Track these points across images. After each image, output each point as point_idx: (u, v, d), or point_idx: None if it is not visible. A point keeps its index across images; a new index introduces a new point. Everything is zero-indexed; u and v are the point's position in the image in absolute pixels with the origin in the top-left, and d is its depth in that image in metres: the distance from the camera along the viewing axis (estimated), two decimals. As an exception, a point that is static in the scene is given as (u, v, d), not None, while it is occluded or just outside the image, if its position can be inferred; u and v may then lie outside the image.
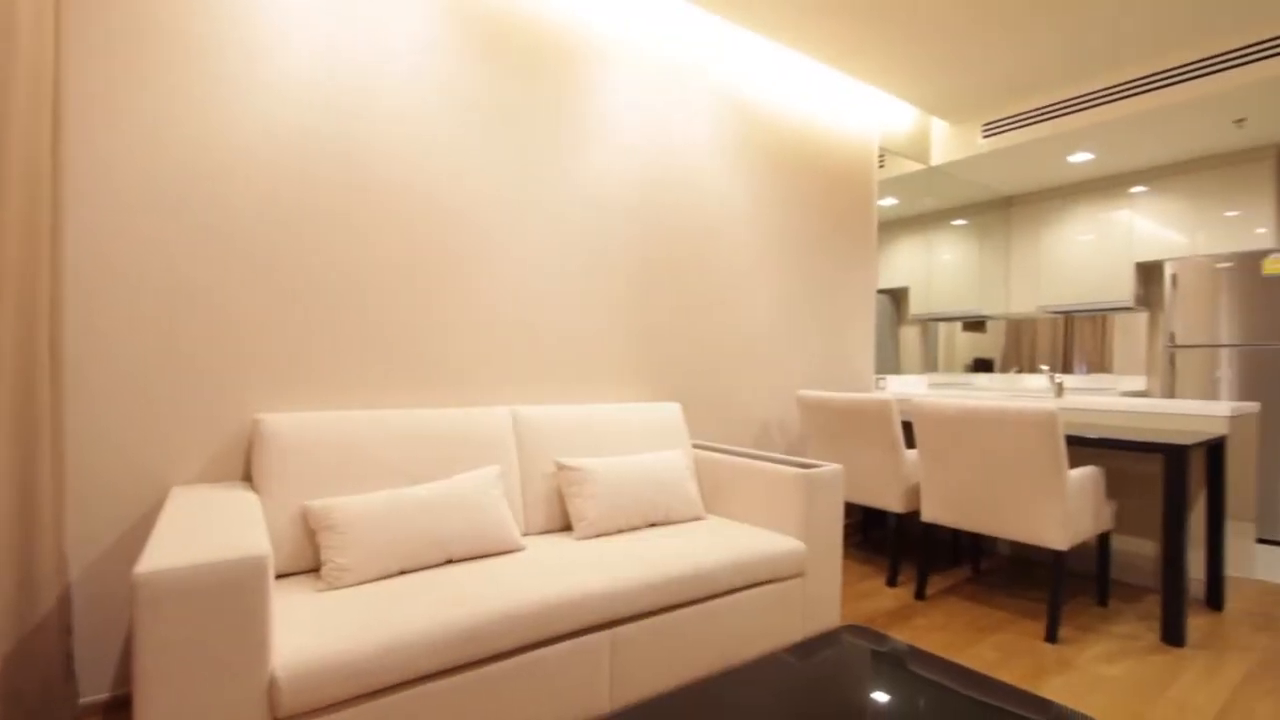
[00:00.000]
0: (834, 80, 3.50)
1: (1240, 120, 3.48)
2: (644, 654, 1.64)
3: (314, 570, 1.69)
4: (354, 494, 1.75)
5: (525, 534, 2.07)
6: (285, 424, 1.75)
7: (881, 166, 3.90)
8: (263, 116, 1.85)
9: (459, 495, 1.78)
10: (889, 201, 4.04)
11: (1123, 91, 3.39)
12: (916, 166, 4.18)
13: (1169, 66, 3.23)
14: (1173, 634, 2.23)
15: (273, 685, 1.14)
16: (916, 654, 1.37)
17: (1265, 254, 3.66)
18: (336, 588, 1.53)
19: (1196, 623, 2.43)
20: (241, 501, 1.53)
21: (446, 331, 2.20)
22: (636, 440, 2.36)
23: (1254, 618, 2.48)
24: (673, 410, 2.53)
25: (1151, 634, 2.31)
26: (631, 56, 2.66)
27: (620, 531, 2.04)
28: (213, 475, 1.80)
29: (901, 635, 2.28)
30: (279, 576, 1.65)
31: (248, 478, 1.85)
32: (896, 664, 1.33)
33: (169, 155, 1.73)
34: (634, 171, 2.67)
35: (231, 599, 1.10)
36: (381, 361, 2.07)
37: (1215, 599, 2.57)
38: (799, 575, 1.99)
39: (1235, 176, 4.01)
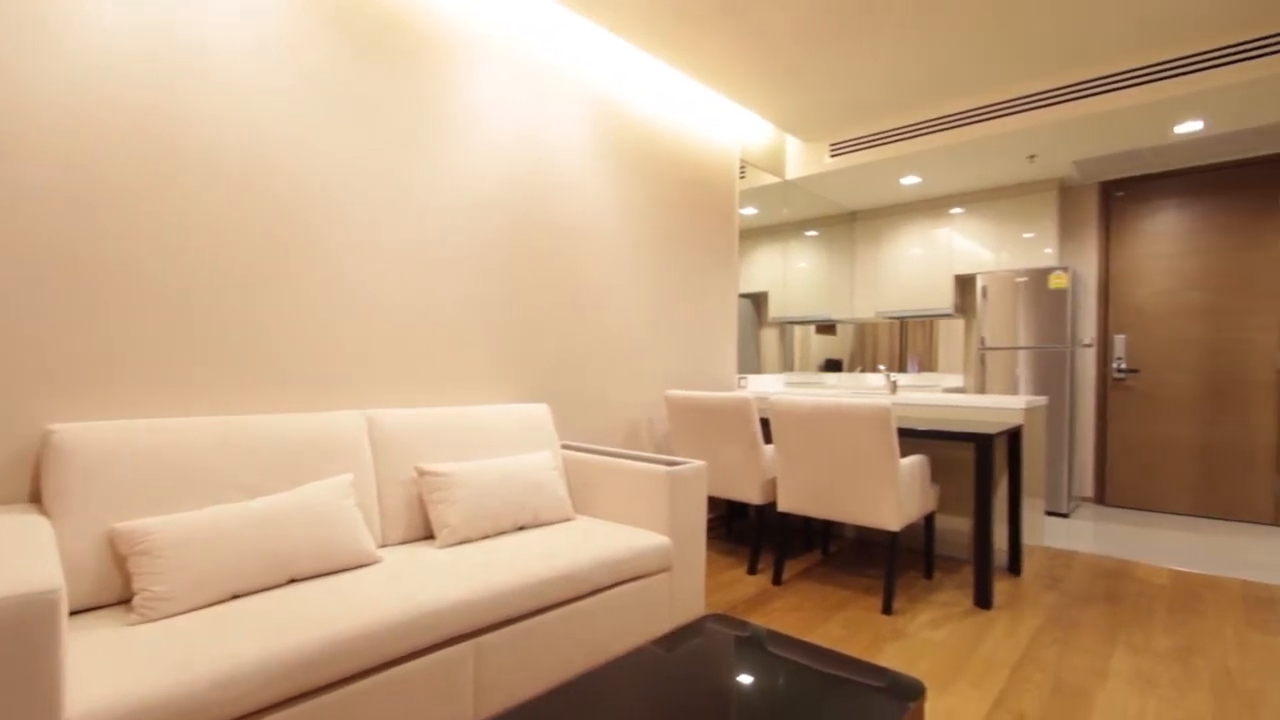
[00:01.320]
0: (700, 93, 3.65)
1: (1032, 156, 4.08)
2: (511, 660, 1.60)
3: (125, 602, 1.47)
4: (176, 512, 1.55)
5: (383, 545, 1.95)
6: (86, 435, 1.51)
7: (743, 177, 4.12)
8: (61, 84, 1.59)
9: (304, 507, 1.63)
10: (750, 211, 4.28)
11: (941, 125, 3.85)
12: (773, 179, 4.47)
13: (976, 106, 3.71)
14: (982, 598, 2.56)
15: (65, 740, 0.98)
16: (773, 636, 1.46)
17: (1050, 271, 4.32)
18: (153, 620, 1.34)
19: (1001, 587, 2.80)
20: (24, 527, 1.29)
21: (292, 329, 2.01)
22: (503, 442, 2.30)
23: (1043, 579, 2.92)
24: (540, 411, 2.50)
25: (967, 600, 2.64)
26: (501, 52, 2.60)
27: (486, 537, 1.98)
28: (-14, 498, 1.51)
29: (760, 619, 2.42)
30: (76, 612, 1.42)
31: (37, 499, 1.57)
32: (755, 647, 1.40)
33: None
34: (502, 167, 2.61)
35: (8, 644, 0.92)
36: (213, 362, 1.85)
37: (1015, 565, 2.98)
38: (666, 570, 2.05)
39: (1029, 204, 4.70)
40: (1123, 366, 4.54)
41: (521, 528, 2.09)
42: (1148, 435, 4.45)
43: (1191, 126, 3.57)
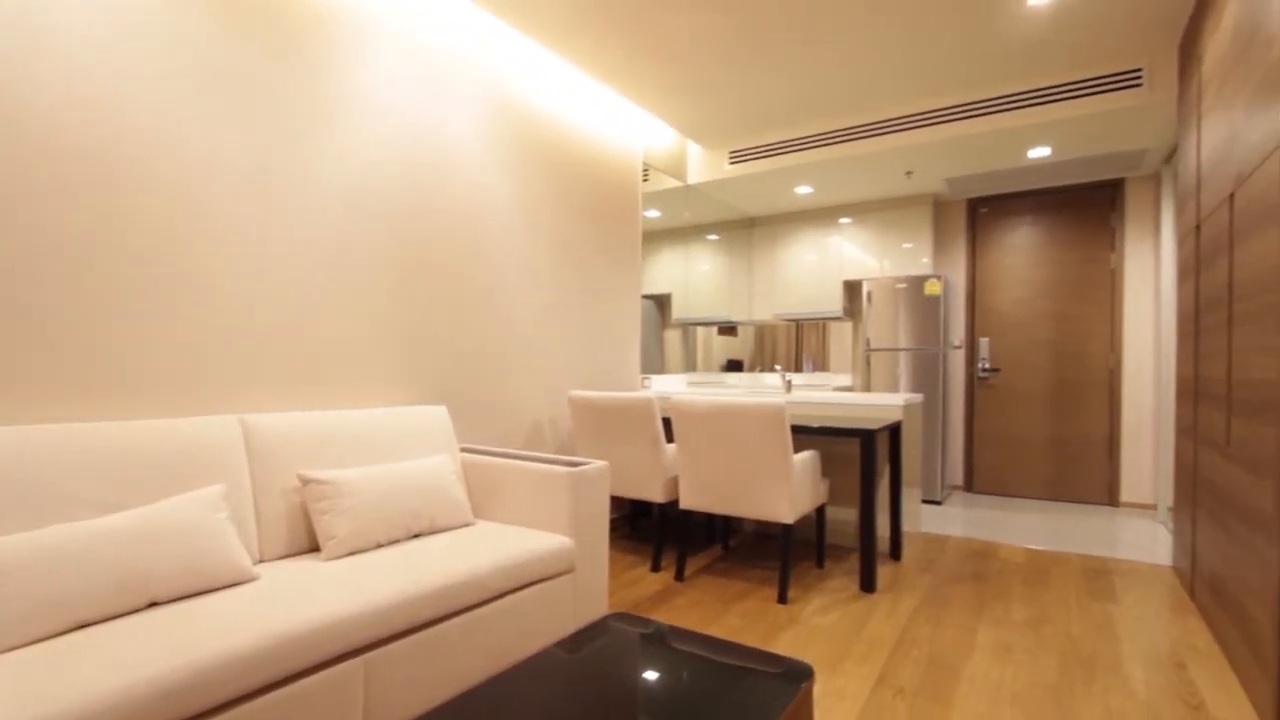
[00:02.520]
0: (603, 94, 3.66)
1: (909, 172, 4.42)
2: (405, 675, 1.53)
3: (-64, 641, 1.27)
4: (6, 534, 1.35)
5: (261, 561, 1.80)
6: (-115, 448, 1.29)
7: (646, 180, 4.17)
8: None
9: (167, 523, 1.48)
10: (653, 213, 4.34)
11: (831, 139, 4.09)
12: (676, 183, 4.56)
13: (862, 123, 3.97)
14: (867, 583, 2.73)
15: None
16: (675, 631, 1.49)
17: (926, 278, 4.70)
18: (-27, 659, 1.17)
19: (884, 572, 3.01)
20: None
21: (156, 324, 1.81)
22: (397, 446, 2.20)
23: (920, 562, 3.16)
24: (438, 413, 2.41)
25: (853, 585, 2.81)
26: (394, 38, 2.48)
27: (379, 546, 1.88)
28: None
29: (663, 615, 2.45)
30: None
31: None
32: (657, 643, 1.42)
33: None
34: (396, 157, 2.49)
35: None
36: (54, 360, 1.63)
37: (896, 551, 3.21)
38: (568, 571, 2.03)
39: (908, 216, 5.08)
40: (986, 366, 5.00)
41: (417, 535, 2.00)
42: (1007, 428, 4.93)
43: (1041, 152, 4.00)
